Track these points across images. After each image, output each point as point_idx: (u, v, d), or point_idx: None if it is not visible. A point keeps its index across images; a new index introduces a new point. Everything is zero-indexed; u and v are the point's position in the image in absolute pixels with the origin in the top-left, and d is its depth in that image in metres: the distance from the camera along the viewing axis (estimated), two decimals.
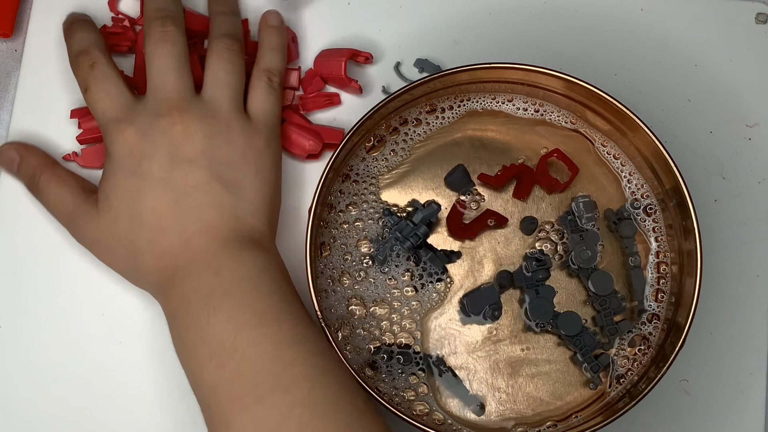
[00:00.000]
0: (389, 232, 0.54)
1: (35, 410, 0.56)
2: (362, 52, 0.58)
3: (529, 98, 0.56)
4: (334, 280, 0.54)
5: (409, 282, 0.54)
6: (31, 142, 0.58)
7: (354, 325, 0.53)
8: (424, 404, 0.52)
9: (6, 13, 0.60)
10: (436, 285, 0.54)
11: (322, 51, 0.59)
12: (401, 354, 0.53)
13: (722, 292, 0.56)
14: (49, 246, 0.57)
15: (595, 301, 0.53)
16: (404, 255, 0.54)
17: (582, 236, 0.53)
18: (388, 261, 0.54)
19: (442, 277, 0.54)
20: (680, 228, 0.52)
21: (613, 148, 0.55)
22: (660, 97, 0.59)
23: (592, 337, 0.52)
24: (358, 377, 0.49)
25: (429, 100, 0.55)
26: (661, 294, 0.53)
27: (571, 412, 0.53)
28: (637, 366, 0.52)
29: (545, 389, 0.53)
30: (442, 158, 0.55)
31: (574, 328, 0.52)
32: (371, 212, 0.55)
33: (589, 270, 0.53)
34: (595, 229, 0.54)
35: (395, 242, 0.53)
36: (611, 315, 0.53)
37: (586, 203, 0.54)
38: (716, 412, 0.56)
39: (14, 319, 0.56)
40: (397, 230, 0.53)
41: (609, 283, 0.53)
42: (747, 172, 0.58)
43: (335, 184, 0.55)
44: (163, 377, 0.56)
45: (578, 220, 0.54)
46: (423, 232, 0.53)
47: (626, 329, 0.53)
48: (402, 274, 0.54)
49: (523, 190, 0.54)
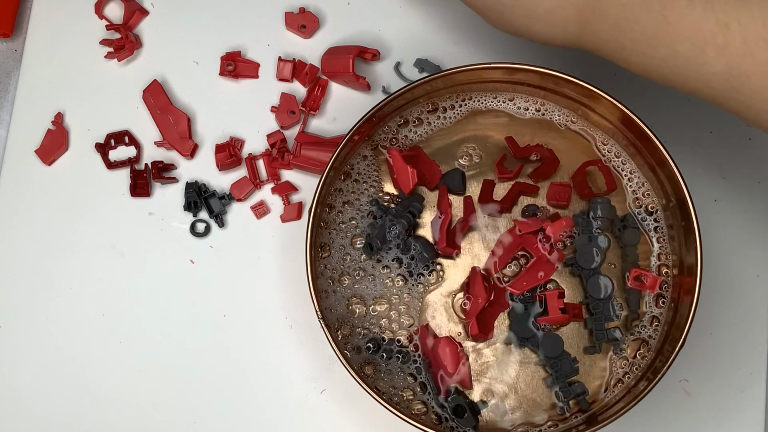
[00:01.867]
0: (381, 220, 0.54)
1: (35, 410, 0.56)
2: (369, 48, 0.58)
3: (530, 97, 0.56)
4: (333, 280, 0.54)
5: (398, 270, 0.53)
6: (31, 142, 0.58)
7: (354, 324, 0.53)
8: (422, 403, 0.52)
9: (6, 13, 0.60)
10: (428, 277, 0.54)
11: (329, 48, 0.59)
12: (400, 353, 0.53)
13: (722, 292, 0.56)
14: (49, 246, 0.57)
15: (591, 304, 0.53)
16: (395, 242, 0.53)
17: (590, 238, 0.53)
18: (382, 249, 0.53)
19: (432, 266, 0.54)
20: (681, 228, 0.52)
21: (614, 147, 0.55)
22: (660, 97, 0.59)
23: (570, 363, 0.52)
24: (358, 376, 0.49)
25: (431, 99, 0.55)
26: (662, 299, 0.53)
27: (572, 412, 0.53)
28: (636, 370, 0.52)
29: (545, 390, 0.53)
30: (442, 160, 0.55)
31: (555, 351, 0.52)
32: (365, 211, 0.54)
33: (590, 272, 0.53)
34: (605, 233, 0.53)
35: (390, 224, 0.53)
36: (602, 321, 0.52)
37: (604, 206, 0.53)
38: (716, 412, 0.56)
39: (14, 319, 0.56)
40: (389, 214, 0.53)
41: (608, 288, 0.53)
42: (747, 172, 0.58)
43: (335, 183, 0.55)
44: (163, 377, 0.56)
45: (593, 222, 0.53)
46: (416, 209, 0.53)
47: (614, 338, 0.52)
48: (393, 260, 0.53)
49: (547, 169, 0.54)
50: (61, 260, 0.57)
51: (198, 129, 0.58)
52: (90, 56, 0.59)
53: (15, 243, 0.57)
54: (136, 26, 0.60)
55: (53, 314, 0.56)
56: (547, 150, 0.55)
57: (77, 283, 0.57)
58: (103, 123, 0.58)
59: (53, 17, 0.59)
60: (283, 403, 0.56)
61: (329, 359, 0.55)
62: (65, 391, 0.56)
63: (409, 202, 0.54)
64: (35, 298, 0.56)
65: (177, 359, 0.56)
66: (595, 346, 0.53)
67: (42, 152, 0.58)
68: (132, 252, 0.57)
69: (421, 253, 0.53)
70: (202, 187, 0.57)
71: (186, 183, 0.58)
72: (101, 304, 0.56)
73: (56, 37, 0.59)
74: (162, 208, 0.57)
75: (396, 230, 0.53)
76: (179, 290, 0.57)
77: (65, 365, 0.56)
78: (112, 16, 0.59)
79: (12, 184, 0.58)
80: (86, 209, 0.57)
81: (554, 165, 0.54)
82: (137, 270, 0.57)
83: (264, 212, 0.57)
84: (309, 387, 0.56)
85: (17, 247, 0.57)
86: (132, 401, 0.56)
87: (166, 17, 0.60)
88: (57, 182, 0.58)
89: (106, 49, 0.59)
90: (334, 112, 0.59)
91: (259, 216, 0.57)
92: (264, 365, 0.56)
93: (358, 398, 0.52)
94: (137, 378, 0.56)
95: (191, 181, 0.58)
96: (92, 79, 0.59)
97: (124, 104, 0.59)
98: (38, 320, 0.56)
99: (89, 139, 0.58)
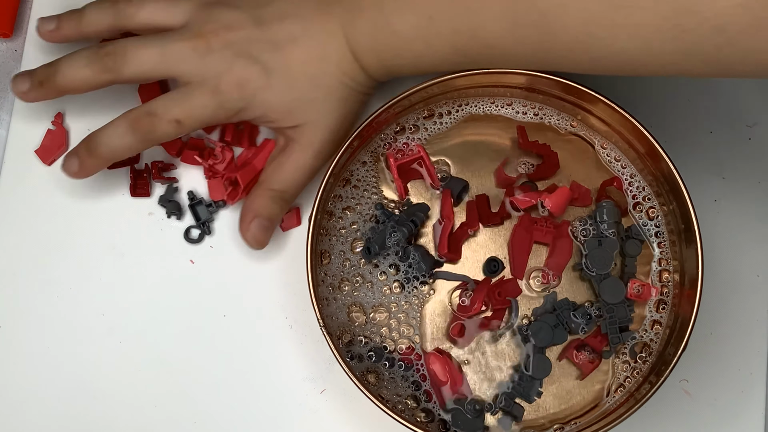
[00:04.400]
0: (383, 223, 0.53)
1: (35, 410, 0.56)
2: None
3: (528, 102, 0.55)
4: (334, 287, 0.54)
5: (395, 276, 0.53)
6: (32, 142, 0.58)
7: (355, 333, 0.53)
8: (426, 411, 0.52)
9: (6, 13, 0.60)
10: (421, 288, 0.54)
11: None
12: (402, 361, 0.53)
13: (722, 292, 0.56)
14: (49, 246, 0.57)
15: (603, 308, 0.53)
16: (394, 249, 0.53)
17: (600, 241, 0.53)
18: (380, 254, 0.53)
19: (427, 280, 0.54)
20: (681, 232, 0.52)
21: (614, 151, 0.55)
22: (660, 97, 0.59)
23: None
24: (361, 384, 0.49)
25: (427, 106, 0.55)
26: (663, 305, 0.53)
27: (574, 417, 0.53)
28: (637, 374, 0.52)
29: (549, 393, 0.53)
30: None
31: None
32: (366, 216, 0.54)
33: (602, 276, 0.53)
34: (614, 237, 0.53)
35: (391, 230, 0.53)
36: (616, 324, 0.52)
37: (609, 209, 0.53)
38: (716, 412, 0.56)
39: (14, 319, 0.56)
40: (392, 219, 0.53)
41: (620, 291, 0.52)
42: (747, 172, 0.58)
43: (335, 190, 0.54)
44: (163, 377, 0.56)
45: (599, 225, 0.53)
46: (419, 218, 0.53)
47: (628, 339, 0.52)
48: (390, 266, 0.53)
49: (547, 169, 0.54)
50: (61, 260, 0.57)
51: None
52: None
53: (15, 243, 0.57)
54: None
55: (53, 314, 0.56)
56: (552, 151, 0.54)
57: (77, 283, 0.57)
58: (103, 123, 0.58)
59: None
60: (283, 403, 0.56)
61: (329, 359, 0.55)
62: (65, 391, 0.56)
63: (413, 210, 0.54)
64: (35, 298, 0.56)
65: (177, 359, 0.56)
66: (610, 349, 0.52)
67: (42, 152, 0.58)
68: (132, 252, 0.57)
69: (419, 263, 0.53)
70: (189, 195, 0.57)
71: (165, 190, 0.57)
72: (101, 304, 0.56)
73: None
74: (162, 208, 0.57)
75: (396, 237, 0.53)
76: (179, 290, 0.57)
77: (65, 365, 0.56)
78: None
79: (12, 184, 0.58)
80: (86, 209, 0.57)
81: (555, 167, 0.54)
82: (137, 270, 0.57)
83: None
84: (309, 387, 0.56)
85: (17, 247, 0.57)
86: (132, 401, 0.56)
87: None
88: (57, 182, 0.58)
89: None
90: None
91: None
92: (264, 365, 0.56)
93: (358, 398, 0.52)
94: (137, 378, 0.56)
95: (194, 192, 0.57)
96: None
97: (124, 104, 0.59)
98: (38, 320, 0.56)
99: None
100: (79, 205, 0.58)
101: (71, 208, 0.57)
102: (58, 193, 0.58)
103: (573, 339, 0.53)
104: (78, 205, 0.57)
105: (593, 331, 0.53)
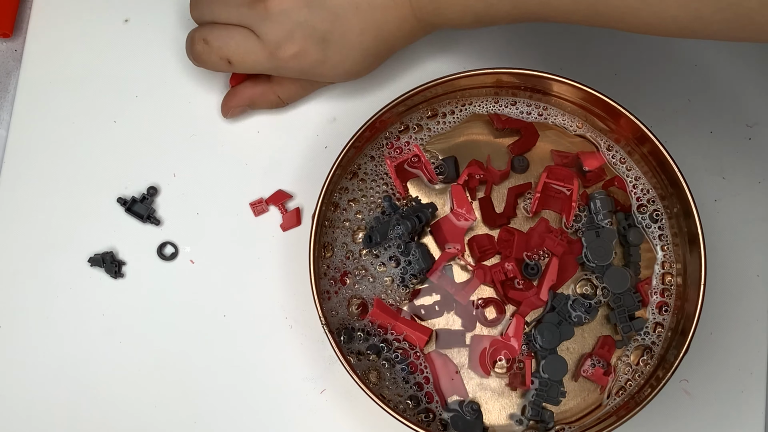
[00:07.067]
0: (388, 215, 0.53)
1: (35, 410, 0.56)
2: None
3: (532, 102, 0.55)
4: (336, 281, 0.54)
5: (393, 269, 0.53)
6: (32, 142, 0.58)
7: (355, 328, 0.53)
8: (428, 411, 0.52)
9: (6, 13, 0.60)
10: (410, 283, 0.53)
11: None
12: (403, 360, 0.53)
13: (722, 292, 0.56)
14: (49, 246, 0.57)
15: (609, 299, 0.53)
16: (396, 243, 0.53)
17: (598, 233, 0.53)
18: (381, 244, 0.53)
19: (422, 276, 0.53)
20: (684, 235, 0.52)
21: (619, 152, 0.55)
22: (660, 97, 0.59)
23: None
24: (363, 383, 0.49)
25: (430, 105, 0.55)
26: (665, 307, 0.53)
27: (576, 418, 0.52)
28: (638, 377, 0.52)
29: None
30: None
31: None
32: (373, 206, 0.54)
33: (605, 267, 0.53)
34: (611, 227, 0.53)
35: (395, 223, 0.53)
36: (625, 313, 0.52)
37: (603, 200, 0.53)
38: (716, 412, 0.56)
39: (14, 319, 0.56)
40: (398, 212, 0.53)
41: (625, 280, 0.52)
42: (747, 172, 0.58)
43: (341, 182, 0.54)
44: (163, 377, 0.56)
45: (594, 216, 0.53)
46: (425, 215, 0.53)
47: (640, 327, 0.52)
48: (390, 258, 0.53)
49: (524, 144, 0.55)
50: (61, 260, 0.57)
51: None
52: (90, 56, 0.59)
53: (15, 243, 0.57)
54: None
55: (53, 314, 0.56)
56: (528, 123, 0.54)
57: (77, 283, 0.57)
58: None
59: (53, 17, 0.59)
60: (283, 403, 0.56)
61: (329, 359, 0.55)
62: (65, 391, 0.56)
63: (420, 207, 0.54)
64: (35, 298, 0.56)
65: (177, 359, 0.56)
66: (623, 339, 0.52)
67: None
68: (132, 252, 0.57)
69: (418, 260, 0.53)
70: (119, 201, 0.57)
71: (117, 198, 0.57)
72: (101, 304, 0.56)
73: (56, 37, 0.59)
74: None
75: (400, 230, 0.53)
76: (179, 290, 0.57)
77: (65, 365, 0.56)
78: None
79: (12, 184, 0.58)
80: (86, 209, 0.57)
81: (534, 135, 0.55)
82: (137, 270, 0.57)
83: (263, 210, 0.57)
84: (309, 387, 0.56)
85: (17, 247, 0.57)
86: (132, 401, 0.56)
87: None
88: (57, 182, 0.58)
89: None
90: (333, 111, 0.59)
91: (257, 213, 0.57)
92: (264, 365, 0.56)
93: (358, 398, 0.52)
94: (137, 378, 0.56)
95: (124, 197, 0.57)
96: (92, 79, 0.59)
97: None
98: (38, 320, 0.56)
99: None
100: (79, 205, 0.57)
101: (71, 208, 0.57)
102: (58, 193, 0.58)
103: (583, 355, 0.53)
104: (78, 205, 0.57)
105: (599, 343, 0.53)
